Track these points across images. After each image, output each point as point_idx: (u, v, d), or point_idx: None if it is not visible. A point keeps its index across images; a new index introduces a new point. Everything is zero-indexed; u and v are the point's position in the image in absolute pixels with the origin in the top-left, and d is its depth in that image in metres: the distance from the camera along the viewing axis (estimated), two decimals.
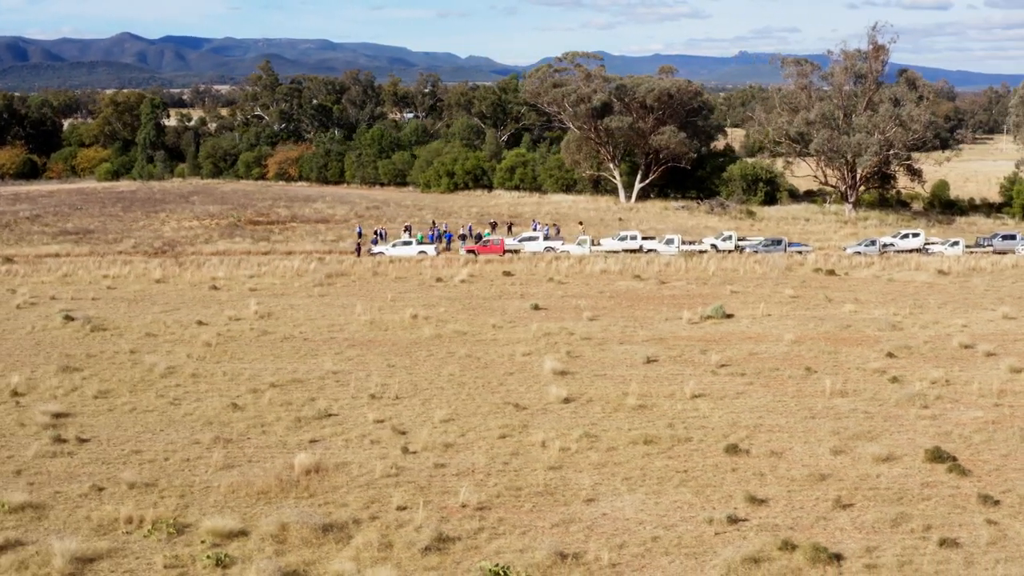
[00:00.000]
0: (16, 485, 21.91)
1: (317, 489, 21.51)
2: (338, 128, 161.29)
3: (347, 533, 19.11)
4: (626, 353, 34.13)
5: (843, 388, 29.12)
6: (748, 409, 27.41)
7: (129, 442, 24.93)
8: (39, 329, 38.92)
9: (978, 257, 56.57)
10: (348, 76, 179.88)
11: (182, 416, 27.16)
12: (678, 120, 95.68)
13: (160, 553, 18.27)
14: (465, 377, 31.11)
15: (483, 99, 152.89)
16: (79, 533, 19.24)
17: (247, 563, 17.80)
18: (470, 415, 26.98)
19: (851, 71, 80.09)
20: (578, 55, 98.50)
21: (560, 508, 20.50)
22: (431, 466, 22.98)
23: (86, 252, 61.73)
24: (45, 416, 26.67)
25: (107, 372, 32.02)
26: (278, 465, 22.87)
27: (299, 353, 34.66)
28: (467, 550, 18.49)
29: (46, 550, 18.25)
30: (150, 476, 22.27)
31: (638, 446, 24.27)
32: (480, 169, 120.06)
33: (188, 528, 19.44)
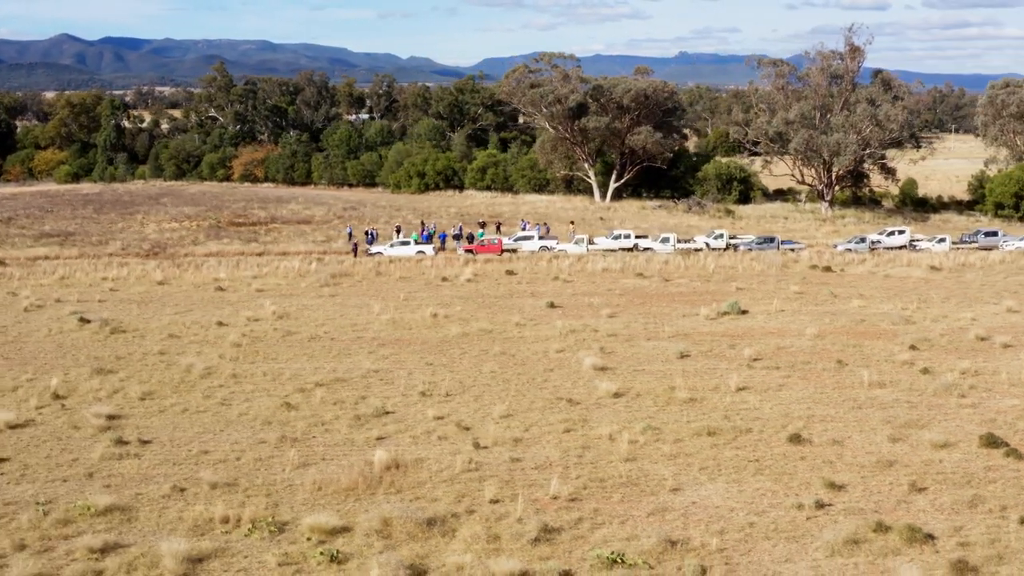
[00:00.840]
0: (92, 488, 21.73)
1: (402, 485, 21.67)
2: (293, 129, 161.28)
3: (450, 526, 19.32)
4: (657, 349, 34.68)
5: (879, 380, 29.97)
6: (794, 401, 28.10)
7: (192, 443, 24.81)
8: (56, 332, 38.35)
9: (965, 253, 58.27)
10: (302, 77, 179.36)
11: (237, 416, 27.07)
12: (653, 120, 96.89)
13: (268, 552, 18.31)
14: (507, 374, 31.40)
15: (440, 100, 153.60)
16: (176, 533, 19.20)
17: (362, 558, 17.94)
18: (526, 411, 27.28)
19: (827, 72, 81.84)
20: (555, 56, 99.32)
21: (649, 498, 20.92)
22: (507, 460, 23.25)
23: (76, 255, 60.75)
24: (98, 418, 26.40)
25: (143, 374, 31.72)
26: (356, 462, 22.96)
27: (331, 353, 34.65)
28: (574, 540, 18.82)
29: (152, 551, 18.19)
30: (228, 476, 22.22)
31: (703, 437, 24.79)
32: (451, 170, 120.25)
33: (287, 526, 19.49)
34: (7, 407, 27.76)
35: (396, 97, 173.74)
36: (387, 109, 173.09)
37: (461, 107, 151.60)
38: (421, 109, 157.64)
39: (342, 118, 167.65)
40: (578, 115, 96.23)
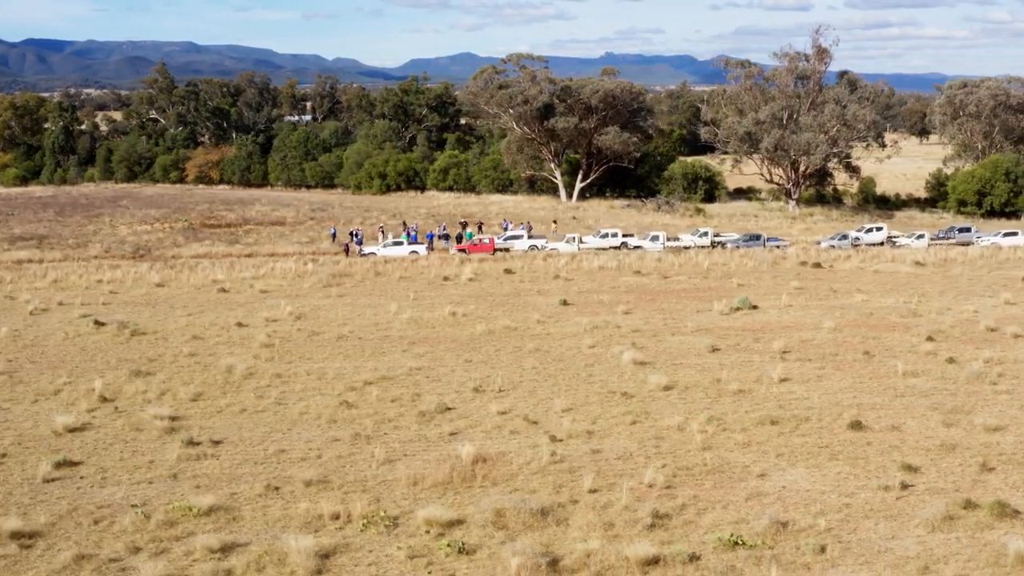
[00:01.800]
0: (182, 489, 21.67)
1: (496, 477, 22.02)
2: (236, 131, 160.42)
3: (562, 516, 19.75)
4: (685, 344, 35.46)
5: (911, 370, 31.13)
6: (838, 391, 29.07)
7: (264, 442, 24.80)
8: (74, 335, 37.71)
9: (944, 249, 60.35)
10: (243, 78, 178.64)
11: (299, 415, 27.08)
12: (620, 120, 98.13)
13: (391, 545, 18.54)
14: (550, 370, 31.85)
15: (385, 101, 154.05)
16: (288, 531, 19.29)
17: (490, 549, 18.26)
18: (585, 404, 27.79)
19: (794, 72, 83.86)
20: (523, 57, 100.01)
21: (740, 483, 21.60)
22: (588, 452, 23.73)
23: (59, 257, 59.52)
24: (160, 420, 26.21)
25: (183, 375, 31.45)
26: (440, 457, 23.24)
27: (365, 352, 34.72)
28: (685, 525, 19.40)
29: (276, 548, 18.27)
30: (318, 474, 22.31)
31: (766, 426, 25.57)
32: (412, 170, 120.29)
33: (398, 520, 19.70)
34: (59, 410, 27.38)
35: (339, 98, 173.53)
36: (330, 111, 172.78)
37: (406, 108, 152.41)
38: (365, 111, 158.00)
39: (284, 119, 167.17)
40: (546, 116, 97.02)
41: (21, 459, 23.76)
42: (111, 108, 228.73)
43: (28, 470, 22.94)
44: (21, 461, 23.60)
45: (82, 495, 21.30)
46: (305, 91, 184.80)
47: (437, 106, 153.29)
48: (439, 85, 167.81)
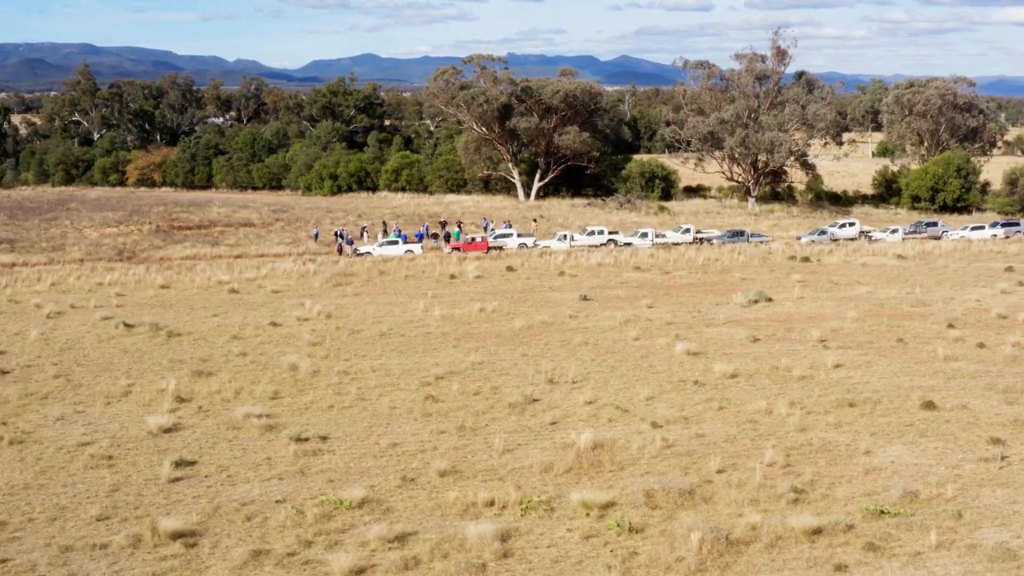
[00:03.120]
0: (316, 484, 21.88)
1: (621, 462, 22.81)
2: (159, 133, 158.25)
3: (706, 494, 20.65)
4: (724, 335, 36.71)
5: (950, 354, 32.89)
6: (891, 375, 30.63)
7: (371, 437, 25.09)
8: (107, 337, 37.12)
9: (919, 242, 63.08)
10: (166, 80, 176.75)
11: (389, 410, 27.40)
12: (580, 120, 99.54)
13: (560, 527, 19.20)
14: (609, 361, 32.72)
15: (314, 102, 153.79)
16: (448, 518, 19.76)
17: (657, 527, 19.03)
18: (664, 392, 28.75)
19: (753, 73, 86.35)
20: (483, 57, 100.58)
21: (851, 460, 22.84)
22: (693, 436, 24.69)
23: (44, 261, 57.96)
24: (259, 419, 26.24)
25: (246, 375, 31.37)
26: (556, 445, 23.91)
27: (416, 348, 35.05)
28: (823, 498, 20.51)
29: (453, 535, 18.74)
30: (447, 465, 22.74)
31: (845, 409, 26.92)
32: (364, 171, 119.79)
33: (551, 504, 20.31)
34: (139, 412, 27.18)
35: (264, 100, 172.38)
36: (255, 112, 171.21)
37: (334, 109, 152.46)
38: (294, 112, 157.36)
39: (208, 121, 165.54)
40: (507, 116, 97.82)
41: (130, 460, 23.60)
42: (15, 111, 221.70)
43: (145, 471, 22.82)
44: (131, 463, 23.45)
45: (217, 493, 21.35)
46: (230, 93, 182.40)
47: (365, 107, 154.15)
48: (367, 86, 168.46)
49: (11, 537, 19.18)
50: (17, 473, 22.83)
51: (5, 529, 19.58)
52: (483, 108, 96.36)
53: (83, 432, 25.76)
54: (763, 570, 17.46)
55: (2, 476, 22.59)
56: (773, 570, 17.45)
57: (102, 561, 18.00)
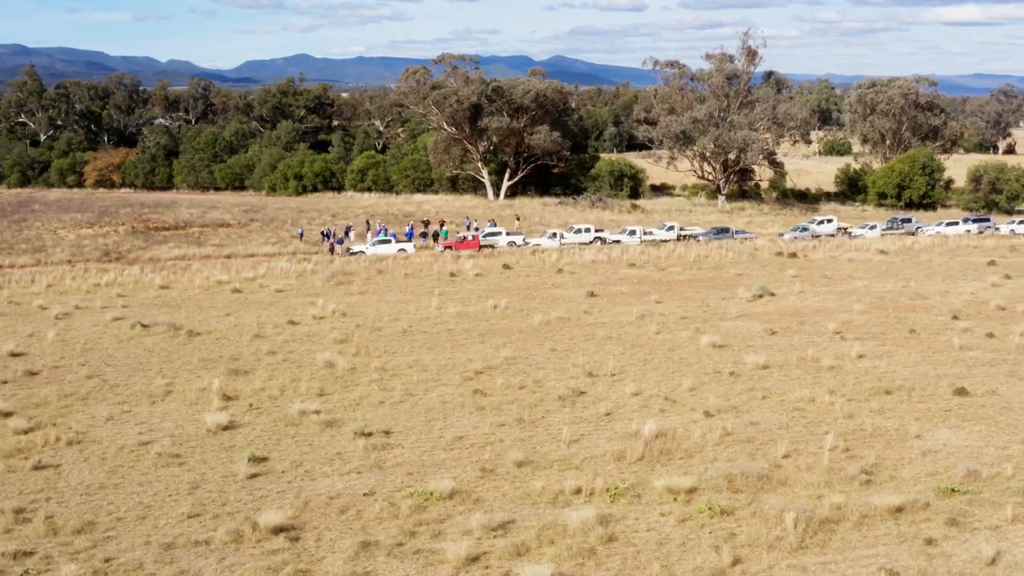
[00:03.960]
0: (396, 476, 22.16)
1: (688, 449, 23.45)
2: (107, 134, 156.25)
3: (780, 478, 21.39)
4: (741, 328, 37.63)
5: (965, 344, 34.16)
6: (915, 364, 31.79)
7: (433, 431, 25.40)
8: (127, 338, 36.78)
9: (898, 238, 64.95)
10: (112, 81, 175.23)
11: (440, 404, 27.72)
12: (550, 120, 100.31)
13: (653, 512, 19.80)
14: (639, 354, 33.40)
15: (264, 103, 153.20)
16: (538, 507, 20.21)
17: (743, 509, 19.70)
18: (705, 384, 29.52)
19: (724, 73, 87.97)
20: (454, 57, 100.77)
21: (904, 443, 23.82)
22: (747, 424, 25.47)
23: (32, 262, 56.96)
24: (317, 415, 26.38)
25: (285, 373, 31.41)
26: (619, 434, 24.49)
27: (445, 344, 35.38)
28: (891, 480, 21.41)
29: (554, 521, 19.20)
30: (521, 456, 23.15)
31: (883, 396, 27.95)
32: (329, 171, 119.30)
33: (636, 490, 20.88)
34: (194, 410, 27.15)
35: (212, 101, 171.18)
36: (203, 113, 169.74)
37: (284, 109, 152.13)
38: (243, 112, 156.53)
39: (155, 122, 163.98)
40: (477, 115, 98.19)
41: (199, 458, 23.61)
42: None
43: (218, 468, 22.87)
44: (201, 460, 23.47)
45: (301, 488, 21.52)
46: (178, 93, 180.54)
47: (316, 107, 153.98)
48: (318, 87, 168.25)
49: (104, 536, 19.16)
50: (87, 473, 22.72)
51: (95, 529, 19.55)
52: (454, 108, 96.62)
53: (139, 432, 25.65)
54: (858, 545, 18.23)
55: (73, 476, 22.47)
56: (867, 545, 18.23)
57: (209, 557, 18.11)
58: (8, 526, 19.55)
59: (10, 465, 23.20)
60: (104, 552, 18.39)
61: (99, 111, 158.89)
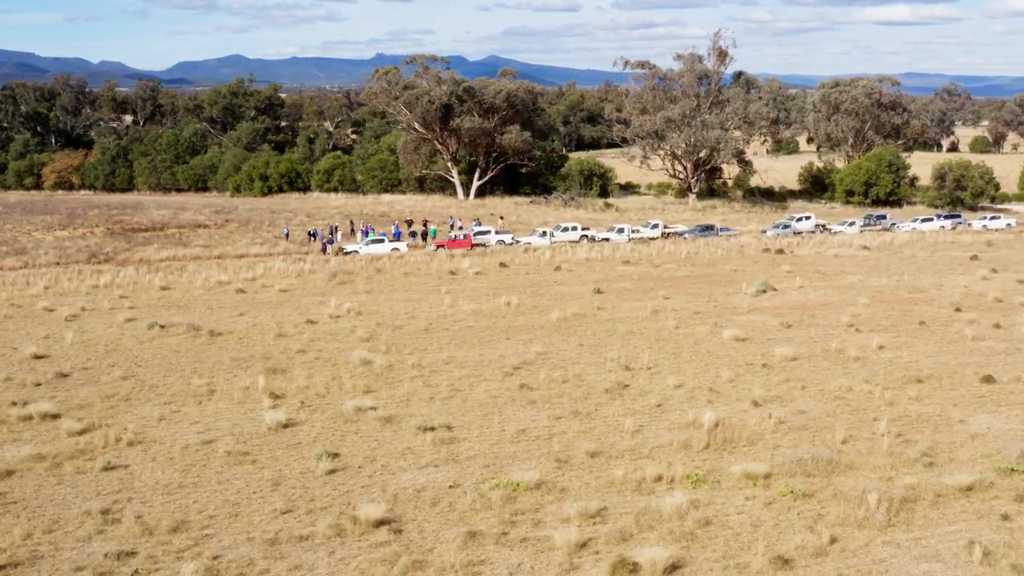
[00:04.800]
0: (474, 468, 22.52)
1: (750, 437, 24.18)
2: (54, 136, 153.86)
3: (846, 462, 22.23)
4: (755, 322, 38.60)
5: (976, 334, 35.49)
6: (935, 354, 33.01)
7: (493, 425, 25.81)
8: (148, 339, 36.50)
9: (877, 234, 66.71)
10: (58, 82, 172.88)
11: (490, 399, 28.13)
12: (520, 120, 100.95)
13: (737, 497, 20.46)
14: (667, 348, 34.13)
15: (214, 104, 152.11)
16: (624, 494, 20.76)
17: (823, 492, 20.47)
18: (741, 375, 30.35)
19: (693, 73, 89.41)
20: (425, 58, 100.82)
21: (951, 428, 24.91)
22: (795, 413, 26.33)
23: (19, 264, 55.91)
24: (374, 412, 26.62)
25: (324, 371, 31.52)
26: (677, 424, 25.16)
27: (471, 341, 35.76)
28: (950, 462, 22.45)
29: (644, 508, 19.79)
30: (593, 447, 23.69)
31: (915, 384, 29.06)
32: (295, 172, 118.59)
33: (711, 476, 21.54)
34: (244, 408, 27.19)
35: (160, 102, 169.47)
36: (152, 114, 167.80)
37: (234, 110, 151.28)
38: (193, 113, 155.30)
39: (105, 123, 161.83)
40: (449, 116, 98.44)
41: (269, 455, 23.69)
42: None
43: (292, 465, 23.00)
44: (272, 458, 23.56)
45: (385, 482, 21.77)
46: (126, 94, 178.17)
47: (266, 108, 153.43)
48: (268, 87, 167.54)
49: (202, 535, 19.24)
50: (159, 473, 22.70)
51: (190, 527, 19.59)
52: (426, 108, 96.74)
53: (197, 431, 25.63)
54: (940, 522, 19.11)
55: (146, 476, 22.43)
56: (948, 522, 19.12)
57: (318, 551, 18.32)
58: (99, 527, 19.54)
59: (78, 467, 23.09)
60: (208, 550, 18.49)
61: (46, 112, 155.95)
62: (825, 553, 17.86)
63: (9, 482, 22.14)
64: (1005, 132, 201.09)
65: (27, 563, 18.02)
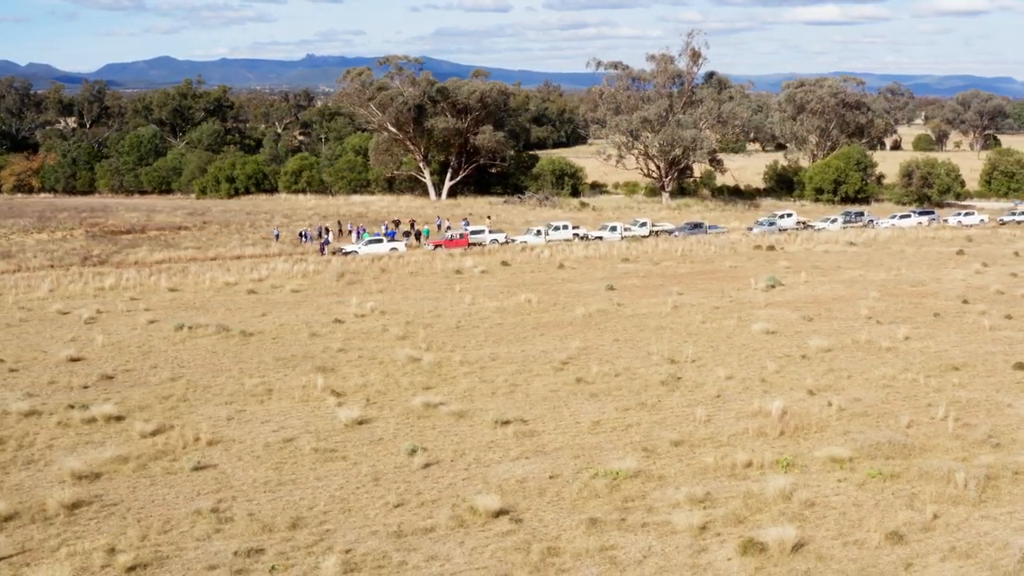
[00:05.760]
0: (563, 459, 23.09)
1: (822, 424, 25.09)
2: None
3: (919, 444, 23.27)
4: (777, 315, 39.72)
5: (992, 324, 36.98)
6: (959, 343, 34.41)
7: (564, 417, 26.41)
8: (180, 340, 36.31)
9: (859, 231, 68.58)
10: (3, 84, 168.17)
11: (549, 393, 28.69)
12: (493, 120, 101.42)
13: (829, 478, 21.33)
14: (701, 341, 35.03)
15: (163, 105, 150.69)
16: (719, 479, 21.52)
17: (908, 471, 21.45)
18: (785, 366, 31.37)
19: (666, 74, 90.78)
20: (400, 59, 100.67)
21: (1002, 411, 26.25)
22: (852, 400, 27.41)
23: (12, 268, 54.81)
24: (441, 407, 27.01)
25: (374, 369, 31.76)
26: (744, 413, 26.00)
27: (506, 338, 36.26)
28: (1014, 442, 23.77)
29: (746, 492, 20.54)
30: (675, 436, 24.43)
31: (954, 372, 30.36)
32: (261, 173, 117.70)
33: (797, 461, 22.40)
34: (307, 407, 27.40)
35: (108, 104, 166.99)
36: (99, 116, 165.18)
37: (183, 112, 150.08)
38: (142, 115, 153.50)
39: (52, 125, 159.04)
40: (422, 116, 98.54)
41: (358, 452, 23.94)
42: None
43: (385, 460, 23.31)
44: (361, 454, 23.81)
45: (484, 475, 22.22)
46: (72, 96, 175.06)
47: (215, 109, 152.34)
48: (217, 89, 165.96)
49: (323, 530, 19.47)
50: (252, 471, 22.83)
51: (307, 523, 19.79)
52: (399, 109, 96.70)
53: (272, 430, 25.76)
54: None
55: (240, 475, 22.55)
56: None
57: (447, 542, 18.70)
58: (214, 526, 19.67)
59: (165, 467, 23.12)
60: (336, 544, 18.73)
61: None
62: (932, 528, 18.82)
63: (100, 484, 22.11)
64: (948, 130, 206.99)
65: (155, 563, 18.13)
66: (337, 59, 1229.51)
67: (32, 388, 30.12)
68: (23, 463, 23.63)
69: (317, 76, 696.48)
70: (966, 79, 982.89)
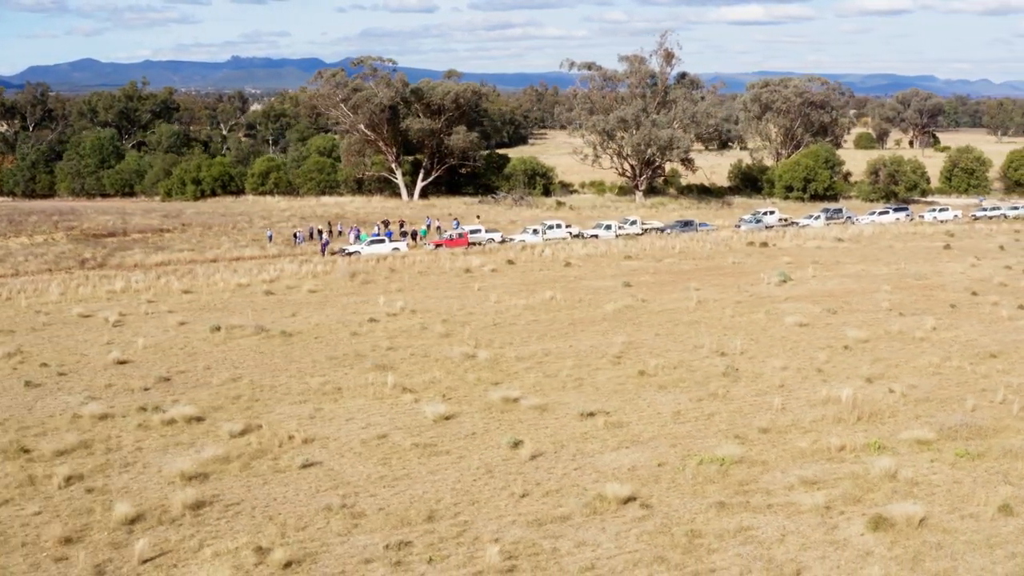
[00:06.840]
0: (661, 448, 23.91)
1: (893, 410, 26.29)
2: None
3: (991, 426, 24.63)
4: (800, 309, 41.09)
5: (1008, 315, 38.76)
6: (984, 333, 36.11)
7: (644, 408, 27.25)
8: (219, 342, 36.30)
9: (843, 227, 70.62)
10: None
11: (618, 386, 29.51)
12: (466, 121, 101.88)
13: (919, 458, 22.53)
14: (740, 335, 36.13)
15: (109, 108, 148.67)
16: (817, 463, 22.53)
17: (990, 452, 22.72)
18: (834, 357, 32.62)
19: (639, 74, 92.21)
20: (373, 59, 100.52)
21: None
22: (909, 387, 28.71)
23: (11, 272, 53.78)
24: (519, 402, 27.64)
25: (433, 366, 32.18)
26: (816, 400, 27.13)
27: (549, 334, 36.96)
28: None
29: (851, 473, 21.60)
30: (762, 423, 25.38)
31: (992, 360, 31.95)
32: (228, 175, 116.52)
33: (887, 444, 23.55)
34: (383, 404, 27.81)
35: (51, 106, 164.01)
36: (42, 119, 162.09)
37: (130, 115, 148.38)
38: (87, 118, 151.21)
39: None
40: (395, 117, 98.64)
41: (459, 447, 24.44)
42: None
43: (487, 453, 23.86)
44: (463, 448, 24.32)
45: (593, 464, 22.94)
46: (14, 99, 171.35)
47: (162, 111, 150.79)
48: (163, 91, 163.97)
49: (460, 521, 19.90)
50: (360, 467, 23.18)
51: (441, 516, 20.15)
52: (373, 110, 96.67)
53: (361, 427, 26.11)
54: None
55: (350, 471, 22.89)
56: None
57: (588, 528, 19.36)
58: (351, 521, 20.03)
59: (271, 466, 23.36)
60: (481, 535, 19.21)
61: None
62: None
63: (211, 484, 22.28)
64: (888, 128, 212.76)
65: (308, 559, 18.44)
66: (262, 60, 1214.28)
67: (91, 391, 29.97)
68: (120, 466, 23.66)
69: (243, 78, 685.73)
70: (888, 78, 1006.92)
